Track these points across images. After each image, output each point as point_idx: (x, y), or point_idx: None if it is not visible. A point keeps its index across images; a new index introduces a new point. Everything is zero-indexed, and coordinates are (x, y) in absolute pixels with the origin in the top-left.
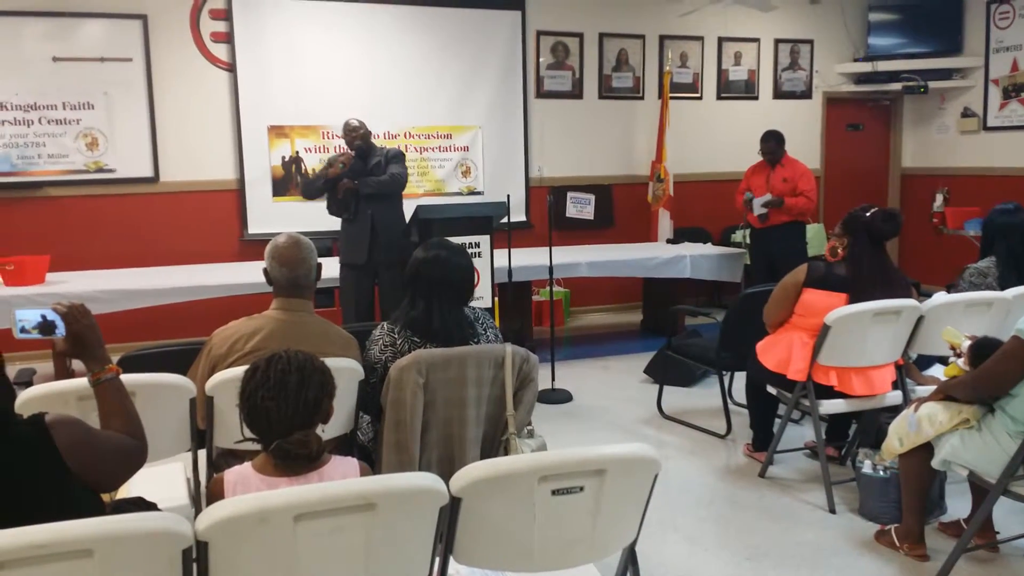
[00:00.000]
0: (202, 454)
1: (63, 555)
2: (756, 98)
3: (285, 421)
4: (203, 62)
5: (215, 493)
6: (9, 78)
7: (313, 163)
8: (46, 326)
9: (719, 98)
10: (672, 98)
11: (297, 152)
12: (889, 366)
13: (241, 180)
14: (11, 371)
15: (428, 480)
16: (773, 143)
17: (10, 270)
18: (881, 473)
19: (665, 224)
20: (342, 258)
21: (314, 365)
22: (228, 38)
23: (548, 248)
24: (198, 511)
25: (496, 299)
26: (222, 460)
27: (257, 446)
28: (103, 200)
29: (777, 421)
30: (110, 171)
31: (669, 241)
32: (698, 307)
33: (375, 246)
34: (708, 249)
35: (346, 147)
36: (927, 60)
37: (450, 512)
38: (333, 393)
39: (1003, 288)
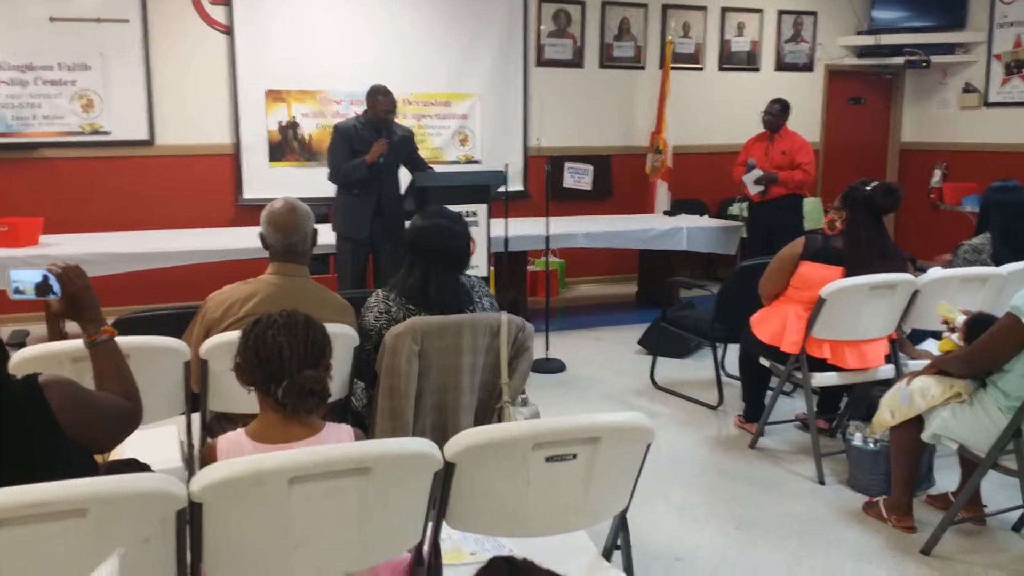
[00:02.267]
0: (196, 417)
1: (57, 514)
2: (758, 70)
3: (297, 358)
4: (200, 24)
5: (208, 459)
6: (5, 38)
7: (310, 128)
8: (41, 287)
9: (721, 69)
10: (673, 68)
11: (294, 117)
12: (883, 340)
13: (237, 144)
14: (4, 332)
15: (422, 445)
16: (778, 107)
17: (4, 231)
18: (871, 446)
19: (663, 196)
20: (340, 229)
21: (314, 318)
22: (226, 0)
23: (545, 218)
24: (191, 474)
25: (492, 268)
26: (216, 424)
27: (254, 408)
28: (98, 162)
29: (769, 393)
30: (105, 133)
31: (666, 213)
32: (694, 279)
33: (377, 221)
34: (705, 221)
35: (369, 111)
36: (930, 34)
37: (444, 477)
38: (332, 348)
39: (998, 264)
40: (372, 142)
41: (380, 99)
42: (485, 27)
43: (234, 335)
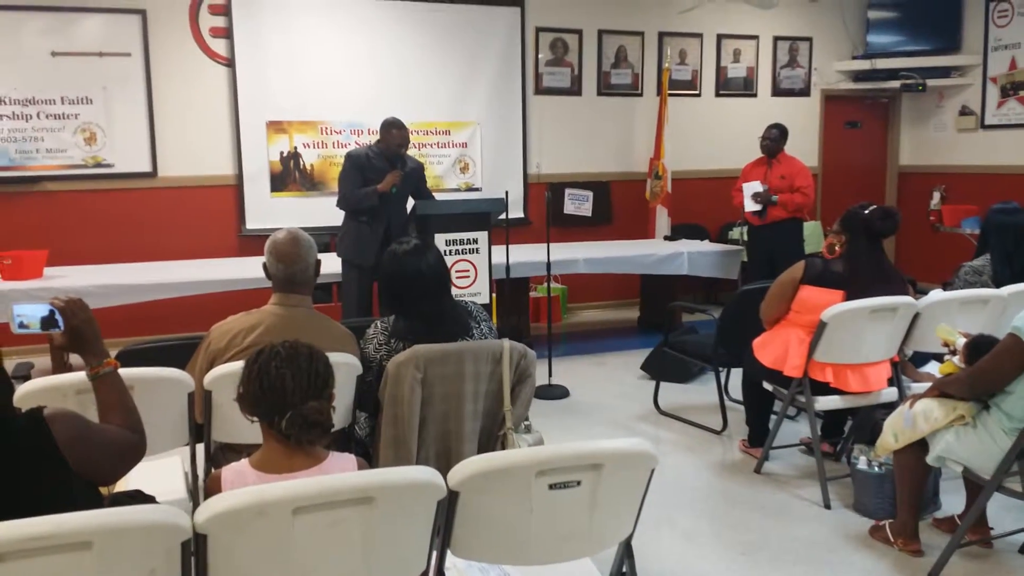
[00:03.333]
0: (200, 448)
1: (62, 547)
2: (755, 95)
3: (300, 390)
4: (202, 57)
5: (212, 490)
6: (7, 72)
7: (312, 158)
8: (44, 321)
9: (718, 95)
10: (671, 95)
11: (295, 147)
12: (885, 363)
13: (239, 175)
14: (9, 365)
15: (426, 474)
16: (776, 132)
17: (8, 264)
18: (876, 469)
19: (663, 221)
20: (347, 255)
21: (317, 348)
22: (227, 33)
23: (546, 244)
24: (196, 505)
25: (494, 295)
26: (220, 454)
27: (258, 438)
28: (101, 195)
29: (773, 417)
30: (108, 166)
31: (667, 238)
32: (695, 304)
33: (385, 249)
34: (706, 246)
35: (382, 143)
36: (926, 58)
37: (448, 506)
38: (334, 378)
39: (997, 285)
40: (384, 171)
41: (394, 132)
42: (484, 56)
43: (238, 365)
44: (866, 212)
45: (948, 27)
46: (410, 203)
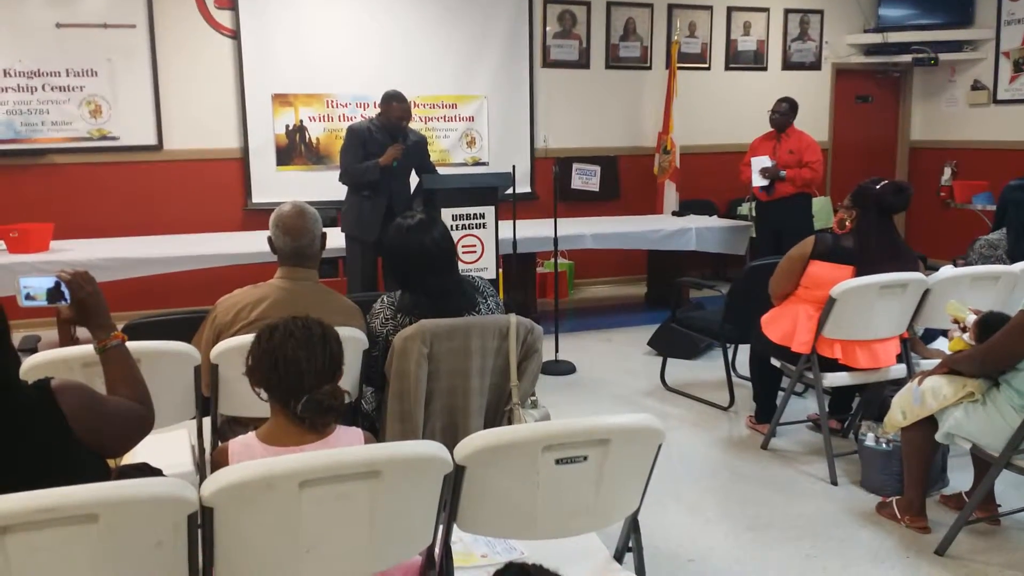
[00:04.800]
0: (206, 421)
1: (69, 519)
2: (765, 69)
3: (315, 373)
4: (207, 29)
5: (219, 463)
6: (12, 44)
7: (317, 132)
8: (51, 293)
9: (727, 69)
10: (680, 68)
11: (301, 121)
12: (894, 339)
13: (245, 149)
14: (16, 338)
15: (433, 448)
16: (786, 106)
17: (14, 237)
18: (883, 446)
19: (671, 196)
20: (349, 231)
21: (327, 324)
22: (232, 4)
23: (553, 220)
24: (203, 478)
25: (500, 271)
26: (227, 427)
27: (264, 412)
28: (107, 168)
29: (780, 394)
30: (114, 139)
31: (675, 213)
32: (703, 279)
33: (388, 223)
34: (714, 221)
35: (383, 116)
36: (938, 32)
37: (454, 480)
38: (343, 355)
39: (1013, 259)
40: (385, 145)
41: (395, 105)
42: (490, 29)
43: (245, 339)
44: (878, 187)
45: (960, 1)
46: (413, 177)
